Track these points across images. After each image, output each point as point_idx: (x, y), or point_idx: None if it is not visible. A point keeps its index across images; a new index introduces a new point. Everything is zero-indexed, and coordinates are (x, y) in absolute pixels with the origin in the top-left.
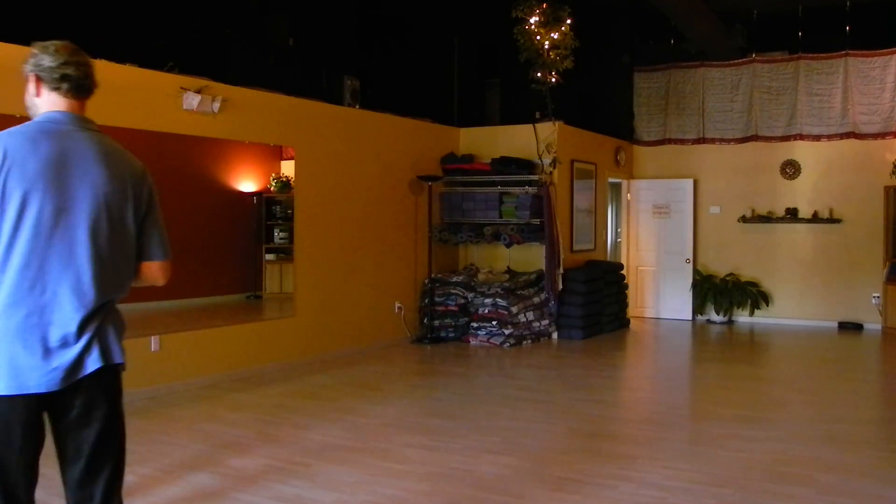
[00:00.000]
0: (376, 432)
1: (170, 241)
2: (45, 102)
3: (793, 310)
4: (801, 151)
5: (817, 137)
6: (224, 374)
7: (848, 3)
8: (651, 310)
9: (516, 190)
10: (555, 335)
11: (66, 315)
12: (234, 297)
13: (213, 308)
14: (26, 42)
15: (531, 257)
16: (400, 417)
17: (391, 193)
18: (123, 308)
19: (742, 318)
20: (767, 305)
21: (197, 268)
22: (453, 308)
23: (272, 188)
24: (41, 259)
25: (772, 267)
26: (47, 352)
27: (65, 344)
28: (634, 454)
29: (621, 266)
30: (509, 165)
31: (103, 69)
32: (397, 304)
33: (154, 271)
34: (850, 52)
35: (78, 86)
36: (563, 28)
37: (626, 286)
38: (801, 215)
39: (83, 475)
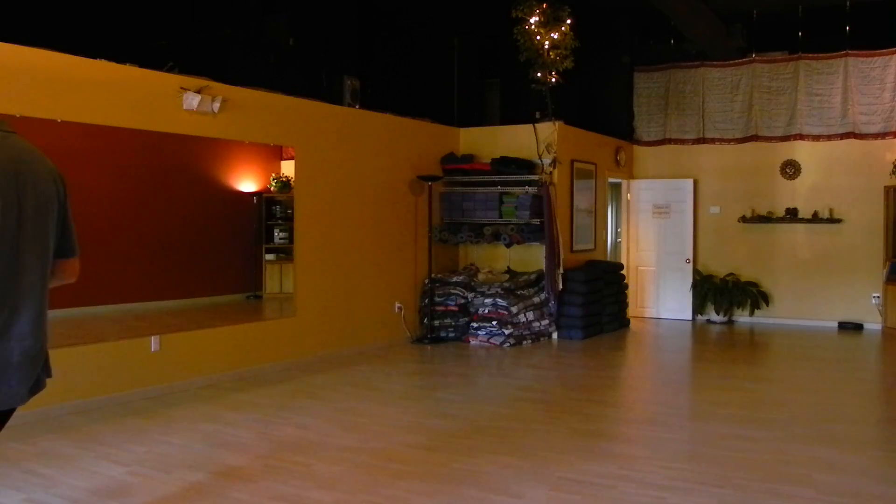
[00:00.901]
0: (376, 432)
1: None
2: None
3: (793, 310)
4: (801, 151)
5: (817, 137)
6: (224, 374)
7: (848, 3)
8: (651, 310)
9: (516, 190)
10: (555, 335)
11: (24, 330)
12: (234, 297)
13: (213, 308)
14: (27, 42)
15: (531, 257)
16: (400, 417)
17: (391, 193)
18: (123, 309)
19: (742, 318)
20: (767, 305)
21: (197, 268)
22: (453, 308)
23: (272, 188)
24: None
25: (772, 267)
26: (10, 368)
27: (25, 358)
28: (634, 454)
29: (621, 266)
30: (509, 165)
31: (103, 69)
32: (397, 304)
33: (71, 268)
34: (850, 52)
35: None
36: (563, 28)
37: (626, 286)
38: (801, 215)
39: None
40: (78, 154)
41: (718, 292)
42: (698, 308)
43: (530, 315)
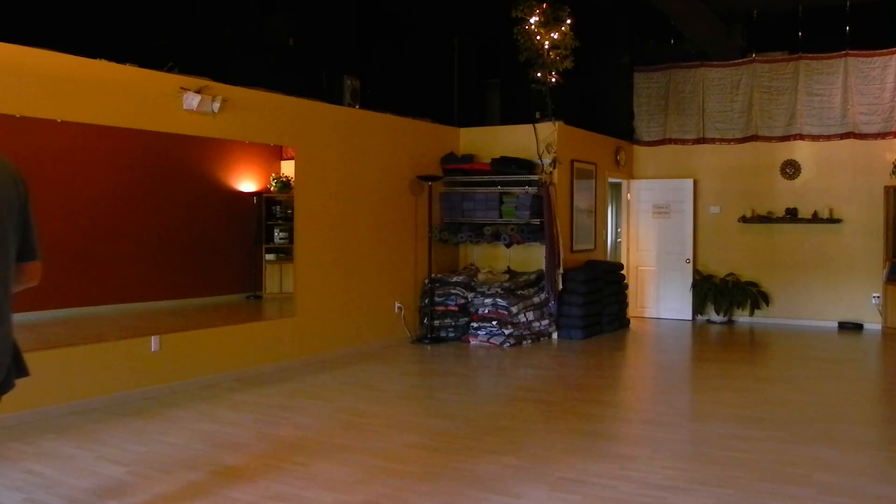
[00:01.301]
0: (376, 432)
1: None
2: None
3: (793, 310)
4: (801, 151)
5: (817, 137)
6: (224, 374)
7: (848, 3)
8: (651, 310)
9: (516, 190)
10: (555, 335)
11: None
12: (234, 297)
13: (213, 308)
14: (27, 42)
15: (531, 257)
16: (400, 417)
17: (391, 193)
18: (123, 309)
19: (742, 318)
20: (767, 305)
21: (197, 268)
22: (453, 308)
23: (272, 188)
24: None
25: (772, 267)
26: None
27: None
28: (634, 454)
29: (621, 266)
30: (509, 165)
31: (103, 69)
32: (397, 304)
33: (33, 271)
34: (850, 52)
35: None
36: (563, 28)
37: (626, 286)
38: (801, 215)
39: None
40: (78, 154)
41: (718, 292)
42: (698, 308)
43: (530, 315)
